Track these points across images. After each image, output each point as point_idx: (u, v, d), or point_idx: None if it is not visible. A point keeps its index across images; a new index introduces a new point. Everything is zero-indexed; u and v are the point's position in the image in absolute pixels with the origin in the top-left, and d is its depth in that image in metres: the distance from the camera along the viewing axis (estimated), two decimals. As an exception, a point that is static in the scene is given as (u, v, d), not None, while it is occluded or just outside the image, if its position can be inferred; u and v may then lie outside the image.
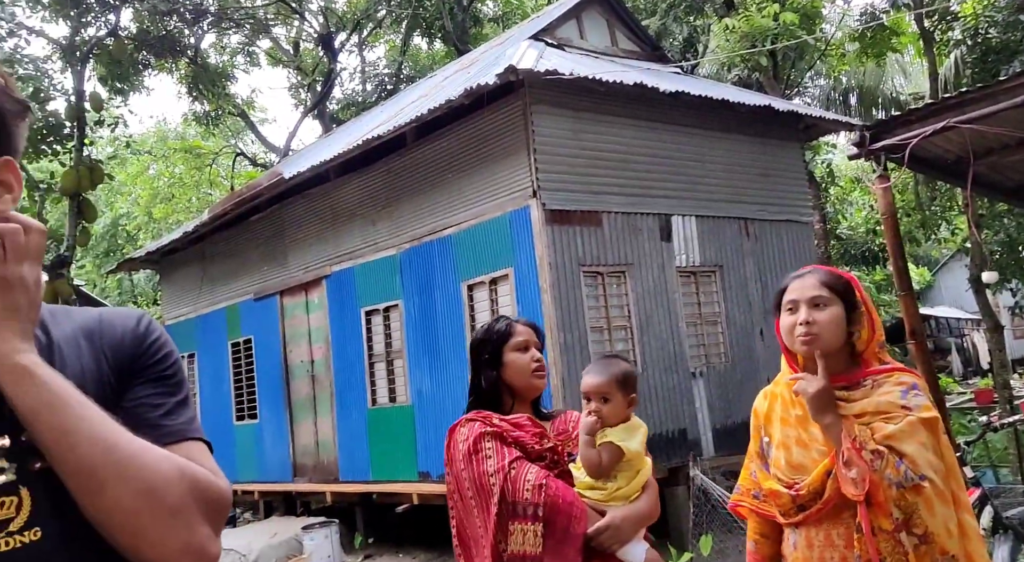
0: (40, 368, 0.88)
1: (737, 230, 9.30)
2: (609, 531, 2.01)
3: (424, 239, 8.80)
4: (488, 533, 1.98)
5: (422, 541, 9.20)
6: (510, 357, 2.22)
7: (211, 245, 12.31)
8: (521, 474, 2.02)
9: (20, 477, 0.89)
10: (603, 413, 2.12)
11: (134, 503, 0.86)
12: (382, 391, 9.46)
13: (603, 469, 2.07)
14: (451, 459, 2.11)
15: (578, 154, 7.97)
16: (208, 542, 0.91)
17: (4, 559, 0.87)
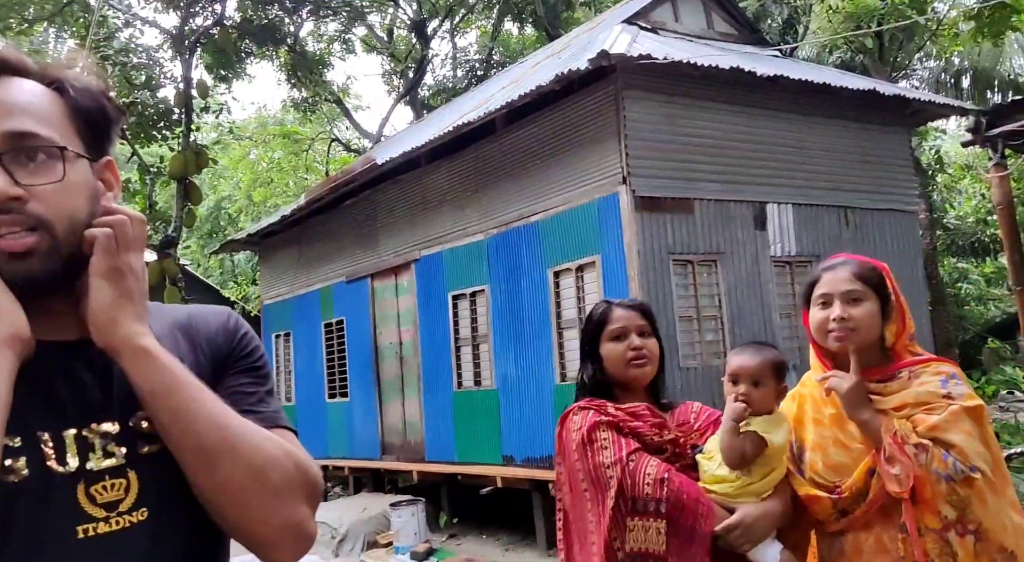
0: (159, 351, 0.93)
1: (836, 219, 8.95)
2: (739, 530, 1.86)
3: (512, 225, 8.84)
4: (601, 528, 1.86)
5: (505, 523, 9.30)
6: (605, 348, 2.08)
7: (307, 228, 12.71)
8: (641, 467, 1.89)
9: (128, 461, 0.94)
10: (752, 398, 1.95)
11: (244, 480, 0.91)
12: (468, 375, 9.58)
13: (744, 460, 1.92)
14: (563, 449, 2.00)
15: (670, 140, 7.82)
16: (307, 521, 0.96)
17: (114, 537, 0.92)
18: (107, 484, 0.92)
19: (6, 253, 0.89)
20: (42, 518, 0.89)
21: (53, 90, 0.97)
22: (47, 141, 0.93)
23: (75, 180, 0.95)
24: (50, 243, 0.91)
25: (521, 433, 8.68)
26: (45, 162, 0.92)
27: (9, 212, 0.90)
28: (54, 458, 0.91)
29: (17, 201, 0.90)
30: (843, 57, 14.55)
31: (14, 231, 0.90)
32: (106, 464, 0.93)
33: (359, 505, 9.90)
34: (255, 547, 0.95)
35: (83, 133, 0.98)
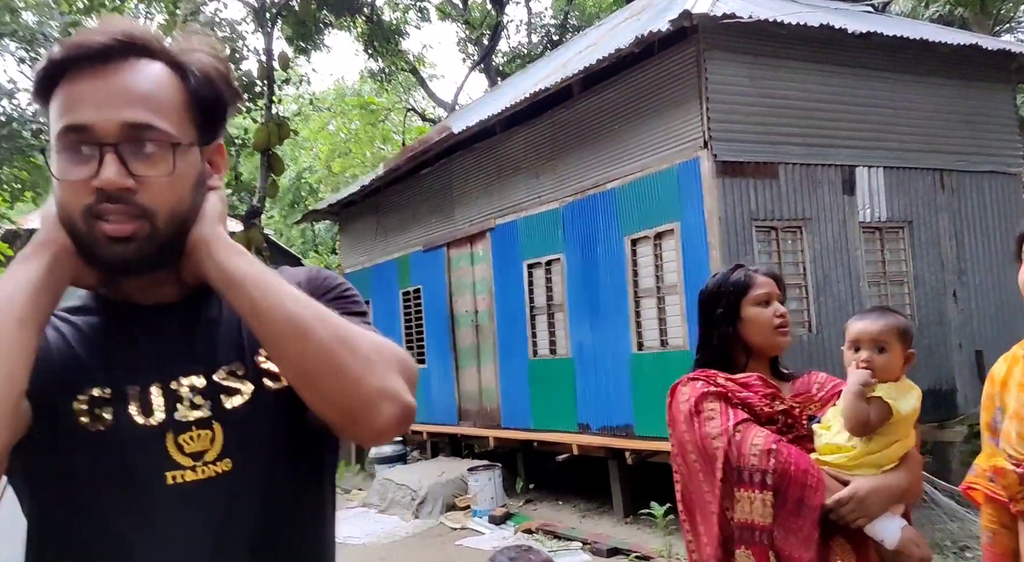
0: (246, 251, 0.98)
1: (931, 182, 8.50)
2: (852, 503, 1.78)
3: (588, 192, 8.73)
4: (715, 499, 1.85)
5: (581, 491, 9.35)
6: (750, 312, 2.00)
7: (385, 198, 12.88)
8: (747, 438, 1.84)
9: (214, 414, 0.98)
10: (875, 365, 1.87)
11: (336, 344, 0.91)
12: (543, 343, 9.59)
13: (868, 427, 1.83)
14: (673, 420, 1.98)
15: (754, 102, 7.54)
16: (404, 391, 0.95)
17: (200, 485, 0.96)
18: (194, 434, 0.96)
19: (108, 237, 0.93)
20: (132, 464, 0.94)
21: (176, 73, 0.98)
22: (162, 134, 0.94)
23: (183, 171, 0.97)
24: (150, 231, 0.94)
25: (597, 402, 8.66)
26: (157, 154, 0.94)
27: (119, 201, 0.92)
28: (140, 410, 0.96)
29: (127, 191, 0.92)
30: (940, 10, 13.70)
31: (119, 216, 0.93)
32: (193, 416, 0.97)
33: (437, 469, 10.11)
34: (353, 411, 0.93)
35: (198, 119, 1.00)
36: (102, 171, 0.91)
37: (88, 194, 0.92)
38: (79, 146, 0.92)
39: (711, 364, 2.02)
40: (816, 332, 7.63)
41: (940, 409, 8.08)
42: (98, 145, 0.92)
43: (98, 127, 0.92)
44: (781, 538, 1.77)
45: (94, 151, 0.92)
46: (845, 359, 1.99)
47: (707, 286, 2.10)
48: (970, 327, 8.44)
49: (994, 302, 8.65)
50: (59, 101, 0.94)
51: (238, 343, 1.02)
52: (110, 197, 0.92)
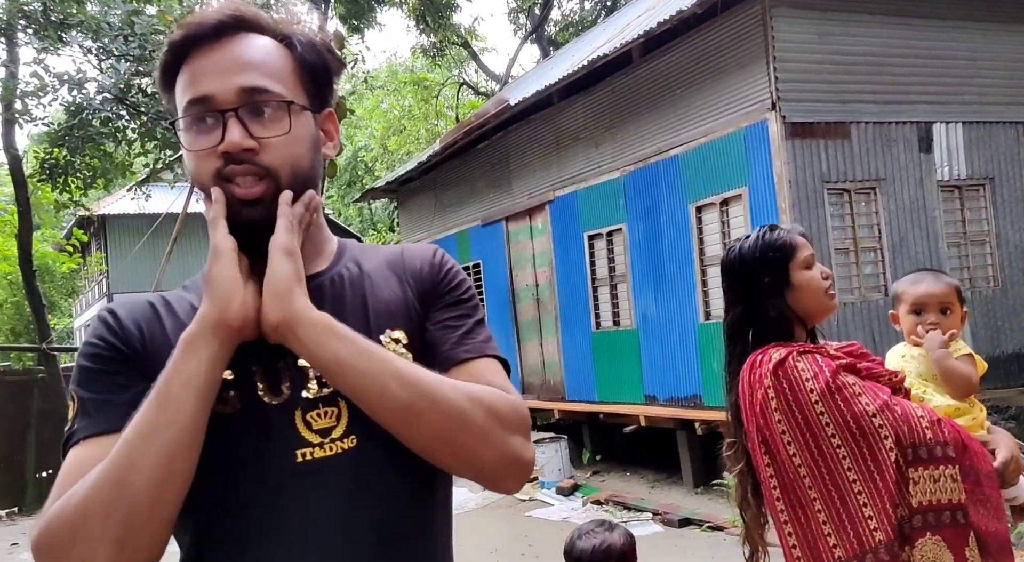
0: (335, 321, 0.94)
1: (1013, 136, 8.08)
2: (1013, 463, 1.69)
3: (650, 160, 8.56)
4: (887, 483, 1.61)
5: (648, 462, 9.30)
6: (800, 277, 1.79)
7: (442, 174, 12.89)
8: (909, 410, 1.64)
9: (339, 391, 0.97)
10: (944, 326, 1.81)
11: (449, 426, 0.92)
12: (606, 315, 9.51)
13: (975, 386, 1.76)
14: (786, 400, 1.68)
15: (824, 59, 7.25)
16: (522, 450, 0.97)
17: (328, 462, 0.96)
18: (321, 411, 0.97)
19: (240, 200, 0.96)
20: (262, 444, 0.95)
21: (283, 45, 1.03)
22: (276, 96, 0.99)
23: (300, 132, 1.00)
24: (276, 190, 0.97)
25: (664, 372, 8.56)
26: (274, 115, 0.98)
27: (242, 163, 0.96)
28: (267, 390, 0.97)
29: (250, 152, 0.96)
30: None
31: (247, 179, 0.97)
32: (320, 393, 0.97)
33: (504, 442, 10.17)
34: (478, 480, 0.98)
35: (308, 86, 1.03)
36: (227, 135, 0.96)
37: (216, 160, 0.97)
38: (203, 117, 0.98)
39: (768, 339, 1.78)
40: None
41: (1025, 373, 7.76)
42: (220, 112, 0.97)
43: (218, 95, 0.97)
44: (975, 513, 1.62)
45: (217, 119, 0.97)
46: (906, 324, 1.91)
47: (742, 253, 1.85)
48: (1058, 287, 8.06)
49: (1084, 261, 8.22)
50: (182, 81, 1.00)
51: (363, 321, 1.01)
52: (235, 160, 0.96)
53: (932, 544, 1.58)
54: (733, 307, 1.89)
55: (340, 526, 0.95)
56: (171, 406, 0.88)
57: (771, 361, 1.71)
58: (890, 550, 1.58)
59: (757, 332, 1.81)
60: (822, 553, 1.64)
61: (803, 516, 1.67)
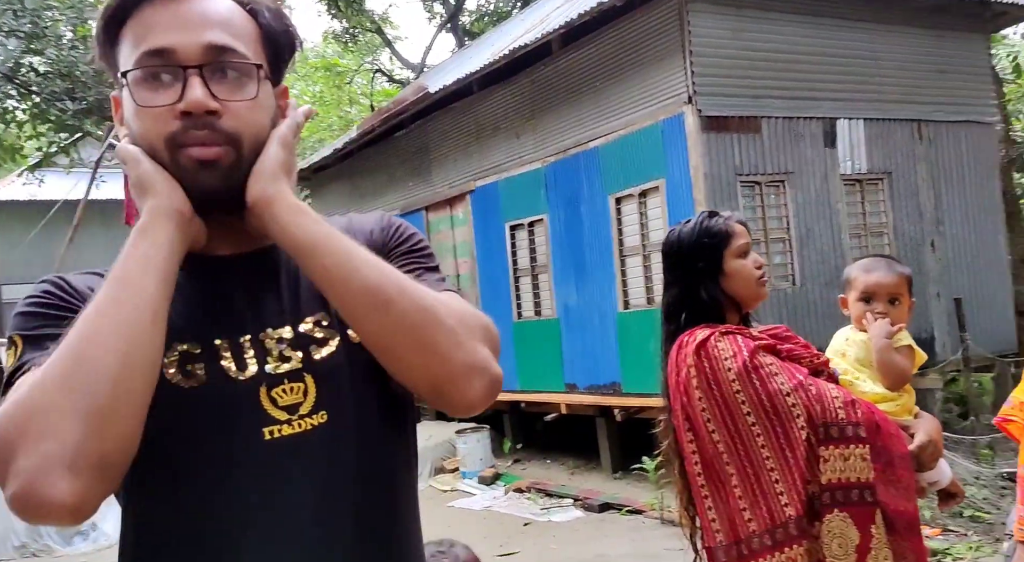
0: (310, 209, 0.92)
1: (909, 133, 8.56)
2: (931, 447, 1.76)
3: (570, 151, 8.64)
4: (797, 460, 1.67)
5: (568, 449, 9.44)
6: (733, 265, 1.87)
7: (359, 161, 12.66)
8: (824, 391, 1.70)
9: (305, 365, 0.94)
10: (892, 316, 1.87)
11: (419, 316, 0.87)
12: (527, 304, 9.58)
13: (908, 378, 1.83)
14: (706, 379, 1.76)
15: (737, 55, 7.48)
16: (491, 362, 0.92)
17: (298, 439, 0.92)
18: (287, 387, 0.93)
19: (196, 161, 0.89)
20: (228, 421, 0.90)
21: (247, 11, 0.97)
22: (243, 57, 0.92)
23: (264, 101, 0.95)
24: (236, 158, 0.91)
25: (584, 361, 8.70)
26: (239, 79, 0.92)
27: (203, 127, 0.89)
28: (233, 364, 0.92)
29: (212, 115, 0.89)
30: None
31: (206, 144, 0.90)
32: (284, 368, 0.93)
33: (425, 433, 10.10)
34: (441, 387, 0.90)
35: (269, 57, 0.98)
36: (187, 93, 0.88)
37: (172, 120, 0.89)
38: (160, 73, 0.90)
39: (700, 321, 1.85)
40: (799, 285, 7.71)
41: (920, 357, 8.26)
42: (181, 68, 0.89)
43: (180, 49, 0.89)
44: (883, 492, 1.67)
45: (176, 76, 0.89)
46: (853, 311, 1.97)
47: (680, 237, 1.93)
48: (948, 276, 8.60)
49: (970, 251, 8.81)
50: (133, 32, 0.92)
51: (320, 293, 0.95)
52: (195, 123, 0.89)
53: (839, 520, 1.64)
54: (669, 289, 1.96)
55: (315, 506, 0.91)
56: (130, 284, 0.83)
57: (695, 341, 1.79)
58: (799, 525, 1.65)
59: (690, 314, 1.87)
60: (738, 527, 1.71)
61: (722, 491, 1.74)
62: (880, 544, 1.63)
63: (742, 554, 1.70)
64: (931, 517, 5.79)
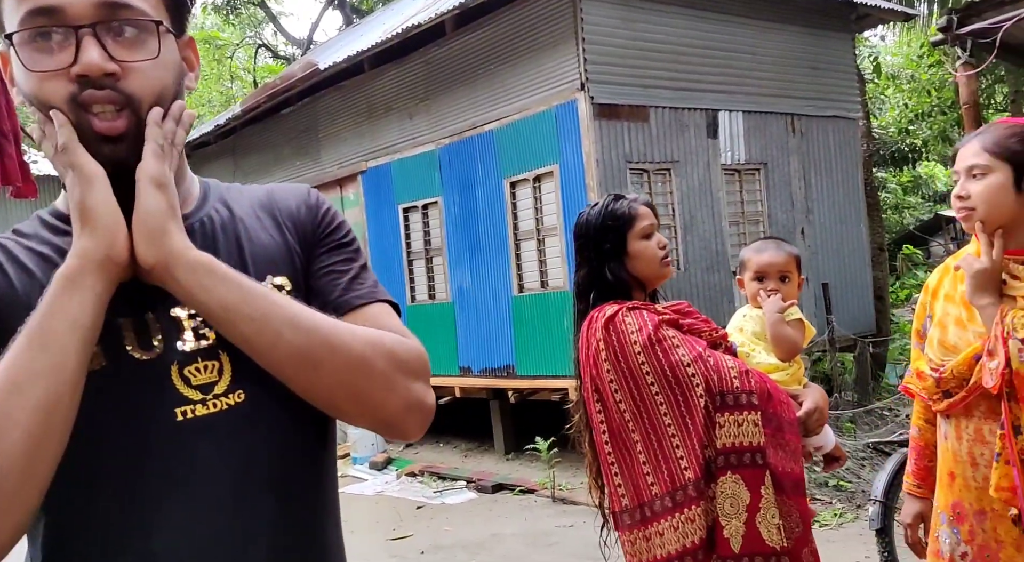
0: (217, 262, 0.86)
1: (784, 126, 9.06)
2: (817, 413, 1.91)
3: (465, 134, 8.63)
4: (696, 426, 1.77)
5: (461, 431, 9.49)
6: (636, 246, 1.95)
7: (242, 139, 12.16)
8: (720, 362, 1.82)
9: (220, 343, 0.89)
10: (783, 292, 2.01)
11: (350, 374, 0.87)
12: (421, 288, 9.53)
13: (799, 349, 1.97)
14: (613, 351, 1.84)
15: (628, 45, 7.67)
16: (424, 395, 0.93)
17: (213, 419, 0.88)
18: (200, 366, 0.88)
19: (99, 135, 0.84)
20: (137, 402, 0.86)
21: None
22: (141, 14, 0.86)
23: (167, 57, 0.89)
24: (139, 124, 0.86)
25: (478, 344, 8.75)
26: (138, 37, 0.86)
27: (102, 88, 0.83)
28: (136, 344, 0.87)
29: (111, 77, 0.83)
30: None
31: (106, 109, 0.84)
32: (198, 346, 0.89)
33: (314, 419, 9.93)
34: (378, 427, 0.92)
35: (170, 8, 0.91)
36: (81, 55, 0.82)
37: (67, 83, 0.83)
38: (49, 33, 0.83)
39: (608, 299, 1.94)
40: (684, 269, 8.03)
41: (791, 337, 8.80)
42: (73, 28, 0.82)
43: (69, 8, 0.82)
44: (773, 455, 1.79)
45: (68, 36, 0.83)
46: (748, 290, 2.11)
47: (588, 220, 2.01)
48: (816, 262, 9.18)
49: (836, 239, 9.44)
50: None
51: (241, 268, 0.90)
52: (94, 84, 0.83)
53: (732, 482, 1.75)
54: (580, 269, 2.04)
55: (233, 487, 0.88)
56: (52, 350, 0.77)
57: (604, 316, 1.88)
58: (697, 487, 1.76)
59: (599, 292, 1.96)
60: (642, 490, 1.82)
61: (627, 457, 1.84)
62: (768, 503, 1.74)
63: (645, 516, 1.81)
64: (800, 486, 6.22)
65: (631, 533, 1.84)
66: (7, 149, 3.80)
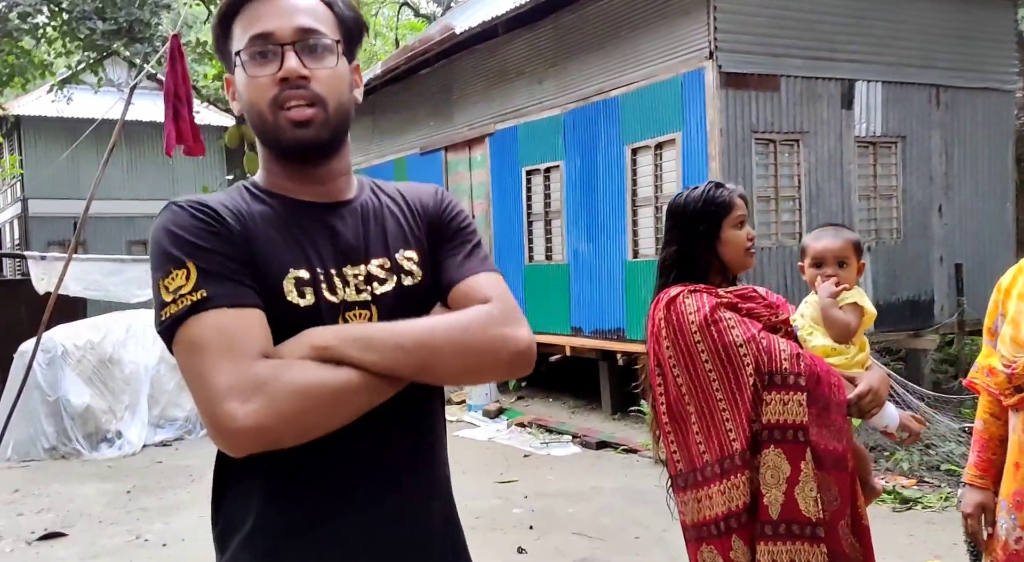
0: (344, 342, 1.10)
1: (926, 98, 8.62)
2: (870, 395, 1.99)
3: (591, 99, 8.77)
4: (745, 402, 1.92)
5: (570, 389, 9.82)
6: (729, 233, 2.08)
7: (382, 97, 12.75)
8: (773, 344, 1.95)
9: (371, 298, 1.18)
10: (840, 278, 2.08)
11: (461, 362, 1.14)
12: (539, 249, 9.83)
13: (851, 332, 2.05)
14: (673, 330, 2.01)
15: (759, 12, 7.53)
16: (518, 340, 1.16)
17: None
18: (357, 313, 1.16)
19: (293, 121, 1.14)
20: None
21: (325, 3, 1.22)
22: (325, 37, 1.18)
23: (341, 70, 1.20)
24: (324, 116, 1.16)
25: (591, 306, 8.99)
26: (323, 53, 1.18)
27: (297, 88, 1.14)
28: (329, 290, 1.15)
29: (304, 79, 1.15)
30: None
31: (299, 104, 1.14)
32: (358, 298, 1.17)
33: (434, 366, 10.50)
34: (498, 381, 1.27)
35: (345, 38, 1.23)
36: (284, 64, 1.14)
37: (273, 87, 1.14)
38: (264, 52, 1.15)
39: (686, 280, 2.07)
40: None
41: (917, 318, 8.50)
42: (279, 45, 1.15)
43: (278, 31, 1.15)
44: (816, 433, 1.92)
45: (276, 53, 1.15)
46: (807, 275, 2.20)
47: (687, 202, 2.12)
48: (952, 241, 8.76)
49: (977, 218, 8.95)
50: (243, 22, 1.18)
51: (384, 241, 1.22)
52: (291, 86, 1.14)
53: (774, 455, 1.90)
54: (667, 246, 2.18)
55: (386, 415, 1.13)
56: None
57: (668, 296, 2.05)
58: (743, 457, 1.92)
59: (680, 272, 2.11)
60: (695, 457, 2.00)
61: (682, 427, 2.02)
62: (807, 477, 1.89)
63: (697, 480, 2.00)
64: (909, 469, 6.14)
65: (684, 495, 2.03)
66: (181, 112, 4.38)
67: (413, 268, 1.22)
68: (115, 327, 8.44)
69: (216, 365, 1.01)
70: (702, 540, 1.99)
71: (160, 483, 6.73)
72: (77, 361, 8.00)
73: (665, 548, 4.67)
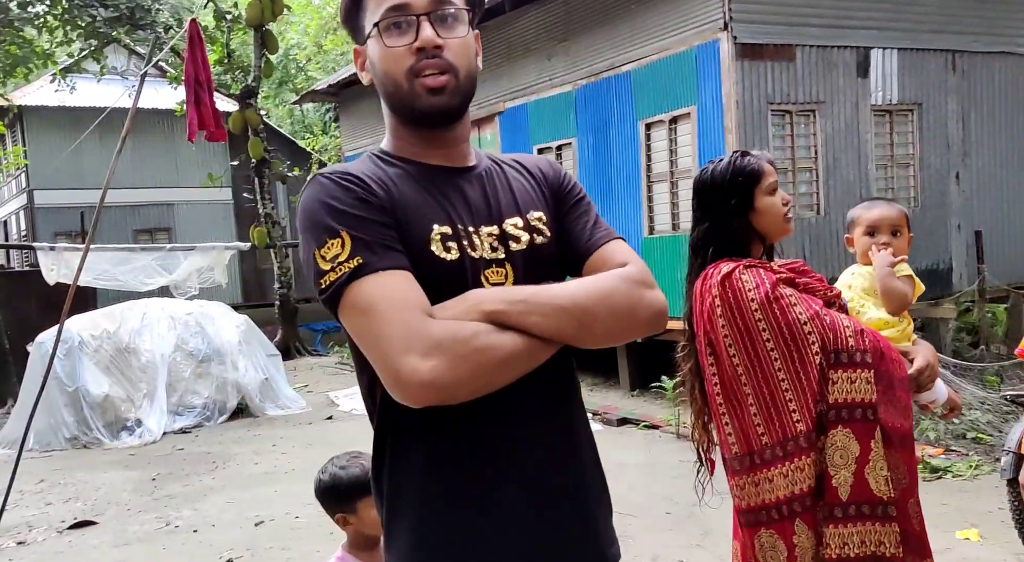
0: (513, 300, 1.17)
1: (942, 64, 8.50)
2: (928, 371, 1.96)
3: (602, 75, 8.67)
4: (811, 382, 1.85)
5: (588, 366, 9.81)
6: (763, 202, 1.99)
7: (386, 79, 12.61)
8: (837, 321, 1.87)
9: (506, 256, 1.24)
10: (894, 247, 2.06)
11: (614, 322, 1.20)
12: (553, 226, 9.75)
13: (908, 304, 2.02)
14: (729, 308, 1.91)
15: (775, -20, 7.42)
16: (656, 303, 1.24)
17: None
18: (495, 270, 1.22)
19: (428, 88, 1.19)
20: (462, 289, 1.18)
21: None
22: (457, 6, 1.22)
23: (470, 40, 1.25)
24: (456, 84, 1.21)
25: (607, 283, 8.93)
26: (455, 22, 1.22)
27: (432, 57, 1.19)
28: (470, 247, 1.21)
29: (438, 49, 1.19)
30: None
31: (434, 72, 1.19)
32: (494, 255, 1.23)
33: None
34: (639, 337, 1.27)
35: (469, 8, 1.27)
36: (420, 33, 1.18)
37: (410, 57, 1.19)
38: (400, 23, 1.19)
39: (725, 255, 1.99)
40: (824, 214, 7.85)
41: (936, 287, 8.44)
42: (415, 16, 1.19)
43: (414, 2, 1.20)
44: (883, 411, 1.85)
45: (412, 24, 1.19)
46: (859, 244, 2.14)
47: (714, 176, 2.03)
48: (970, 208, 8.69)
49: (995, 184, 8.87)
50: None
51: (515, 203, 1.28)
52: (426, 55, 1.18)
53: (843, 435, 1.82)
54: (699, 223, 2.08)
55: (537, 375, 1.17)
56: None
57: (720, 273, 1.94)
58: (808, 438, 1.84)
59: (716, 248, 2.02)
60: (752, 439, 1.90)
61: (738, 409, 1.92)
62: (877, 456, 1.82)
63: (754, 463, 1.91)
64: (935, 438, 6.12)
65: (740, 478, 1.94)
66: (203, 97, 4.32)
67: (543, 228, 1.28)
68: (130, 316, 8.44)
69: (389, 324, 1.08)
70: (760, 525, 1.91)
71: (184, 470, 6.74)
72: (94, 351, 8.00)
73: (698, 523, 4.66)
